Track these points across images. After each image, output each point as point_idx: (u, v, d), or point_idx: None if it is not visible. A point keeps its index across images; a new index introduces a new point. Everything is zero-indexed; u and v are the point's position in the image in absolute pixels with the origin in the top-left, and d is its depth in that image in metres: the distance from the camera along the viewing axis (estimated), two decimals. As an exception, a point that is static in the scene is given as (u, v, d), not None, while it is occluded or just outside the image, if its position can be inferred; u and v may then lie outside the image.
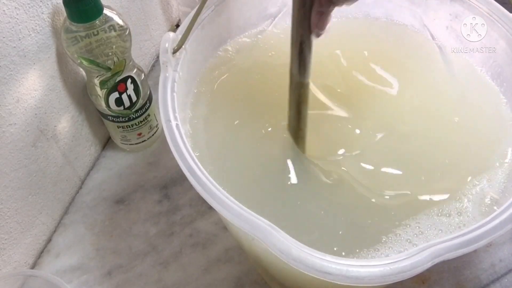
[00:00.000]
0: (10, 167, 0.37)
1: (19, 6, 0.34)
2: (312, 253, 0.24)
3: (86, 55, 0.39)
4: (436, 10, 0.41)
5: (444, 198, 0.32)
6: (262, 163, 0.35)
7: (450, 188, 0.33)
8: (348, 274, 0.23)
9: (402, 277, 0.23)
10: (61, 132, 0.43)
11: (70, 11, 0.36)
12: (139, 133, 0.48)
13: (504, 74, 0.37)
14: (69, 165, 0.45)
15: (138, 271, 0.42)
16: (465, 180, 0.33)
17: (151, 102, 0.47)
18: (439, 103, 0.39)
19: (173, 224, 0.45)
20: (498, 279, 0.40)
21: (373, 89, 0.40)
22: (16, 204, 0.38)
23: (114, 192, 0.47)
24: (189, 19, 0.35)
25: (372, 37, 0.44)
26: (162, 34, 0.59)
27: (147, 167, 0.49)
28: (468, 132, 0.36)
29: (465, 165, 0.34)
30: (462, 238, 0.25)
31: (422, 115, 0.38)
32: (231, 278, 0.41)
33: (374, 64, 0.41)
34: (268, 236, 0.24)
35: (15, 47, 0.34)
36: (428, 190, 0.33)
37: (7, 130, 0.35)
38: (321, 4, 0.27)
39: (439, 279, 0.40)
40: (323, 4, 0.27)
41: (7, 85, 0.34)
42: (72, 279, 0.42)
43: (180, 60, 0.34)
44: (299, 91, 0.31)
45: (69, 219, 0.46)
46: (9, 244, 0.39)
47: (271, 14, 0.44)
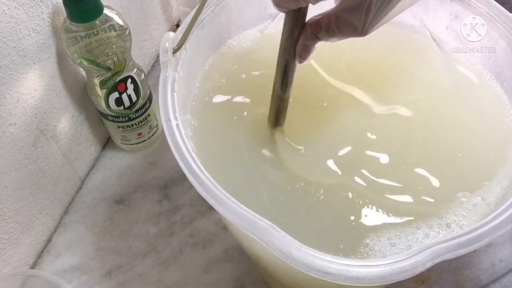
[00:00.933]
0: (10, 167, 0.37)
1: (19, 6, 0.34)
2: (312, 253, 0.24)
3: (86, 55, 0.39)
4: (436, 10, 0.41)
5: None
6: (262, 162, 0.35)
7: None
8: (348, 274, 0.23)
9: (402, 277, 0.23)
10: (61, 132, 0.43)
11: (70, 11, 0.36)
12: (139, 133, 0.48)
13: (504, 74, 0.37)
14: (69, 165, 0.45)
15: (138, 271, 0.42)
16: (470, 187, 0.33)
17: (151, 102, 0.47)
18: (439, 103, 0.39)
19: (173, 224, 0.45)
20: (498, 279, 0.40)
21: (371, 88, 0.40)
22: (16, 204, 0.38)
23: (114, 192, 0.47)
24: (189, 19, 0.35)
25: (372, 37, 0.44)
26: (162, 34, 0.59)
27: (147, 167, 0.49)
28: (470, 133, 0.36)
29: (465, 170, 0.34)
30: (462, 238, 0.25)
31: (422, 114, 0.38)
32: (231, 278, 0.41)
33: (373, 64, 0.41)
34: (268, 236, 0.24)
35: (15, 47, 0.34)
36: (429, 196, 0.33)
37: (7, 130, 0.35)
38: (307, 38, 0.30)
39: (439, 279, 0.40)
40: (308, 38, 0.30)
41: (7, 85, 0.34)
42: (72, 279, 0.42)
43: (180, 60, 0.34)
44: (279, 103, 0.34)
45: (69, 219, 0.46)
46: (9, 244, 0.39)
47: (271, 14, 0.44)
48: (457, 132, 0.36)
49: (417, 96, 0.39)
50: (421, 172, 0.34)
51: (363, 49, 0.42)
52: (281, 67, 0.32)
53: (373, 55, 0.42)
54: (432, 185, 0.33)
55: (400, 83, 0.40)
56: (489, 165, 0.34)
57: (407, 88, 0.40)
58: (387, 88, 0.40)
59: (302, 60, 0.31)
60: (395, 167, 0.34)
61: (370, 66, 0.41)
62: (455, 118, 0.37)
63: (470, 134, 0.36)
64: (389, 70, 0.41)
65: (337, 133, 0.37)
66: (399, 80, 0.40)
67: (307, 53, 0.31)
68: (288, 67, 0.32)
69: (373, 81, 0.40)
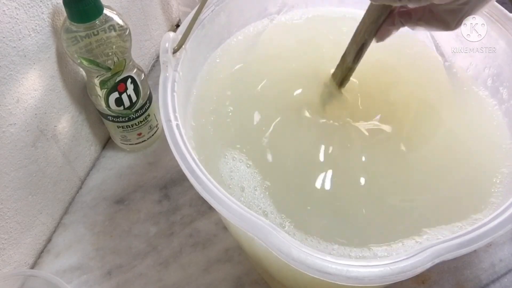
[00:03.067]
0: (10, 167, 0.37)
1: (19, 6, 0.34)
2: (312, 253, 0.24)
3: (86, 55, 0.39)
4: (436, 10, 0.41)
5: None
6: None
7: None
8: (348, 274, 0.23)
9: (402, 277, 0.23)
10: (61, 132, 0.43)
11: (70, 11, 0.36)
12: (139, 133, 0.48)
13: (504, 74, 0.37)
14: (69, 165, 0.45)
15: (138, 271, 0.42)
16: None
17: (151, 102, 0.47)
18: (438, 104, 0.39)
19: (173, 224, 0.45)
20: (498, 279, 0.40)
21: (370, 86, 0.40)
22: (16, 204, 0.38)
23: (114, 192, 0.47)
24: (189, 19, 0.36)
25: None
26: (162, 34, 0.59)
27: (147, 167, 0.49)
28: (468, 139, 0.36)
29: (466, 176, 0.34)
30: (462, 238, 0.25)
31: (422, 116, 0.38)
32: (231, 278, 0.41)
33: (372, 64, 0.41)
34: (268, 236, 0.24)
35: (15, 47, 0.34)
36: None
37: (7, 130, 0.35)
38: (393, 24, 0.32)
39: (439, 279, 0.40)
40: (394, 25, 0.32)
41: (7, 85, 0.34)
42: (72, 279, 0.42)
43: (180, 60, 0.34)
44: (347, 72, 0.37)
45: (69, 219, 0.46)
46: (9, 244, 0.39)
47: (271, 14, 0.44)
48: (458, 138, 0.37)
49: (413, 96, 0.39)
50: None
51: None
52: (358, 45, 0.35)
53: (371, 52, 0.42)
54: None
55: (398, 82, 0.40)
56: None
57: (405, 87, 0.40)
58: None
59: (380, 41, 0.34)
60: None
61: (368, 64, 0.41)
62: (456, 120, 0.37)
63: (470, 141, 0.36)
64: (388, 69, 0.41)
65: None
66: (396, 79, 0.40)
67: (388, 36, 0.33)
68: (365, 45, 0.35)
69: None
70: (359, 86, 0.39)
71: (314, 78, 0.39)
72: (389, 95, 0.39)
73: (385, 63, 0.41)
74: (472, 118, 0.38)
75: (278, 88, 0.40)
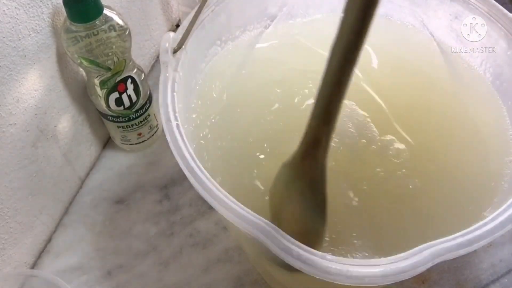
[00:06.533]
0: (10, 167, 0.37)
1: (19, 6, 0.34)
2: (312, 253, 0.24)
3: (86, 55, 0.39)
4: (436, 10, 0.41)
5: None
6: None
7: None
8: (349, 274, 0.23)
9: (402, 277, 0.23)
10: (61, 132, 0.43)
11: (70, 11, 0.36)
12: (139, 133, 0.48)
13: (504, 75, 0.37)
14: (69, 165, 0.45)
15: (138, 271, 0.42)
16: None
17: (151, 102, 0.47)
18: (438, 103, 0.39)
19: (173, 224, 0.45)
20: (498, 279, 0.40)
21: (367, 87, 0.40)
22: (16, 204, 0.38)
23: (114, 192, 0.47)
24: (189, 19, 0.35)
25: (371, 36, 0.44)
26: (162, 34, 0.59)
27: (147, 167, 0.49)
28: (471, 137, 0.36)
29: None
30: (462, 238, 0.25)
31: (421, 115, 0.38)
32: (231, 278, 0.41)
33: (372, 63, 0.41)
34: (268, 236, 0.24)
35: (15, 47, 0.34)
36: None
37: (7, 130, 0.35)
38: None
39: (439, 279, 0.40)
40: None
41: (7, 85, 0.34)
42: (72, 279, 0.42)
43: (180, 60, 0.34)
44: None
45: (69, 219, 0.46)
46: (9, 244, 0.39)
47: (271, 14, 0.44)
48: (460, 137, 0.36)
49: (413, 96, 0.39)
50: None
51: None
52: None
53: (371, 52, 0.42)
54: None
55: (397, 83, 0.40)
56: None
57: (405, 87, 0.40)
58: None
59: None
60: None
61: (368, 65, 0.41)
62: (456, 120, 0.37)
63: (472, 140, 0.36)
64: (387, 69, 0.41)
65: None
66: (396, 79, 0.40)
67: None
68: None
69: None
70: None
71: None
72: (392, 98, 0.39)
73: (385, 64, 0.41)
74: (473, 118, 0.38)
75: (278, 89, 0.40)
